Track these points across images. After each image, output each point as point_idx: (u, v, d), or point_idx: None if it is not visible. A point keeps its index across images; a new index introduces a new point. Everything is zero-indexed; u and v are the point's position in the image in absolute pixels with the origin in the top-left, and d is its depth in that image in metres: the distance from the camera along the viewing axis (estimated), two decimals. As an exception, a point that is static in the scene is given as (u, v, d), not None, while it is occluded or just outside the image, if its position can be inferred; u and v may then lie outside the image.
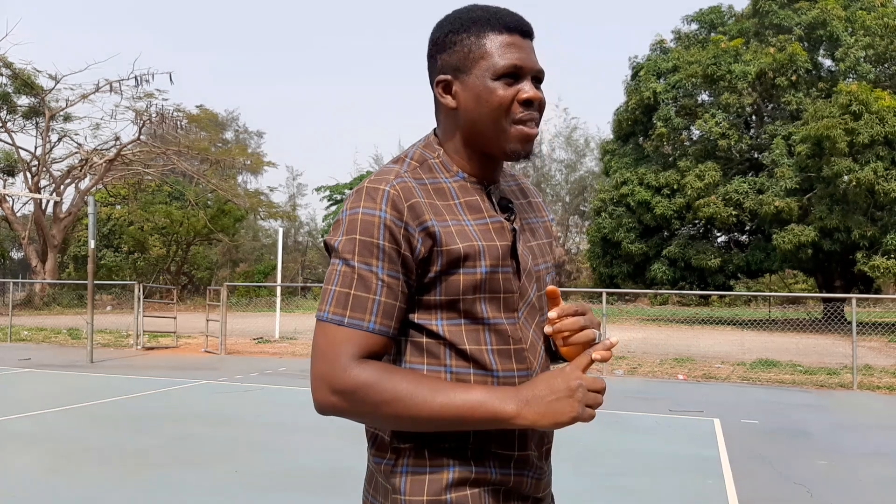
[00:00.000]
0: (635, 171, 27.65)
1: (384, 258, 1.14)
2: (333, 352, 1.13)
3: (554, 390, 1.11)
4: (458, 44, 1.22)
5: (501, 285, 1.20)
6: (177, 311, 17.37)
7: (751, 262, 26.27)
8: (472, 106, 1.21)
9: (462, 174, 1.25)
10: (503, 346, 1.20)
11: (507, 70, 1.20)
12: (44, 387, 9.58)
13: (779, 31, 25.97)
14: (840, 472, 5.65)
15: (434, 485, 1.17)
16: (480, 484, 1.18)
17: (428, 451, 1.18)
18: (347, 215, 1.18)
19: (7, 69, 31.75)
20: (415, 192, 1.17)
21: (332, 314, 1.14)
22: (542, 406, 1.10)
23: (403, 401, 1.11)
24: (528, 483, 1.23)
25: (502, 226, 1.24)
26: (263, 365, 12.38)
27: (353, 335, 1.13)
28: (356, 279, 1.14)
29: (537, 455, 1.25)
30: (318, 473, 5.28)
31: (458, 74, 1.22)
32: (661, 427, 7.43)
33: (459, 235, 1.17)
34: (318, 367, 1.14)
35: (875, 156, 21.45)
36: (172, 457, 5.71)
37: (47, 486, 4.86)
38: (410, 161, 1.24)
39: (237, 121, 52.89)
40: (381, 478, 1.24)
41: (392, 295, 1.15)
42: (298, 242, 58.62)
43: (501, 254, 1.20)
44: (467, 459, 1.18)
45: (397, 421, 1.13)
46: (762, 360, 13.14)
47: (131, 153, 33.81)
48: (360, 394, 1.11)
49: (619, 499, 4.87)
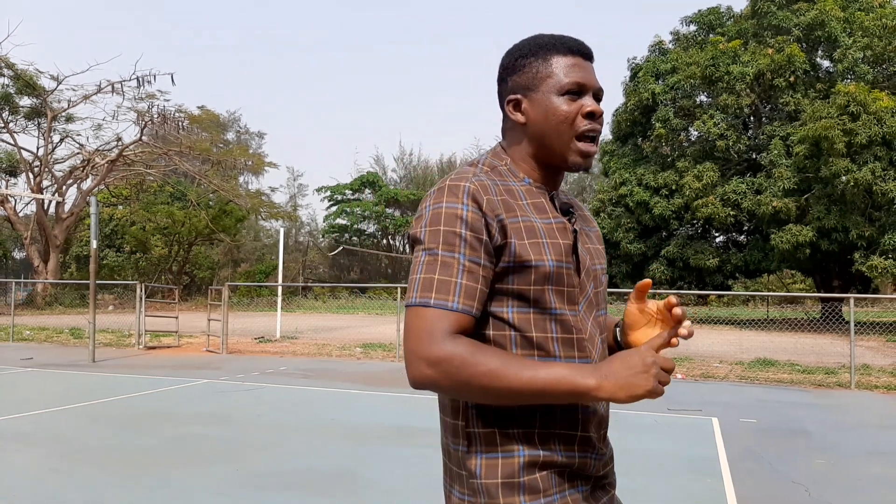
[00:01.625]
0: (634, 171, 27.69)
1: (465, 245, 1.24)
2: (425, 328, 1.21)
3: (630, 366, 1.20)
4: (527, 66, 1.36)
5: (565, 279, 1.31)
6: (178, 310, 17.39)
7: (749, 262, 26.31)
8: (541, 120, 1.35)
9: (528, 179, 1.38)
10: (566, 335, 1.30)
11: (571, 87, 1.33)
12: (46, 386, 9.60)
13: (777, 32, 26.00)
14: (838, 471, 5.67)
15: (507, 468, 1.26)
16: (549, 466, 1.28)
17: (499, 436, 1.28)
18: (431, 210, 1.28)
19: (9, 70, 31.77)
20: (490, 189, 1.29)
21: (419, 298, 1.23)
22: (619, 380, 1.19)
23: (494, 373, 1.19)
24: (592, 463, 1.34)
25: (565, 226, 1.35)
26: (265, 364, 12.41)
27: (440, 314, 1.22)
28: (439, 265, 1.24)
29: (597, 437, 1.35)
30: (318, 473, 5.30)
31: (527, 93, 1.36)
32: (660, 426, 7.46)
33: (528, 231, 1.29)
34: (411, 344, 1.22)
35: (873, 156, 21.49)
36: (173, 456, 5.73)
37: (48, 486, 4.86)
38: (483, 166, 1.37)
39: (238, 121, 53.06)
40: (455, 465, 1.32)
41: (473, 278, 1.24)
42: (299, 242, 58.65)
43: (565, 250, 1.32)
44: (535, 443, 1.28)
45: (486, 393, 1.21)
46: (760, 360, 13.18)
47: (133, 154, 33.84)
48: (453, 364, 1.19)
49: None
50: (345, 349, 15.09)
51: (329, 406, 8.33)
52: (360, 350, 14.85)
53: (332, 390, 9.59)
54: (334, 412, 7.88)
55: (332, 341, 16.88)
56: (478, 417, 1.29)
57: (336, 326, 22.86)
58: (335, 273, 54.51)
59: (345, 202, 54.18)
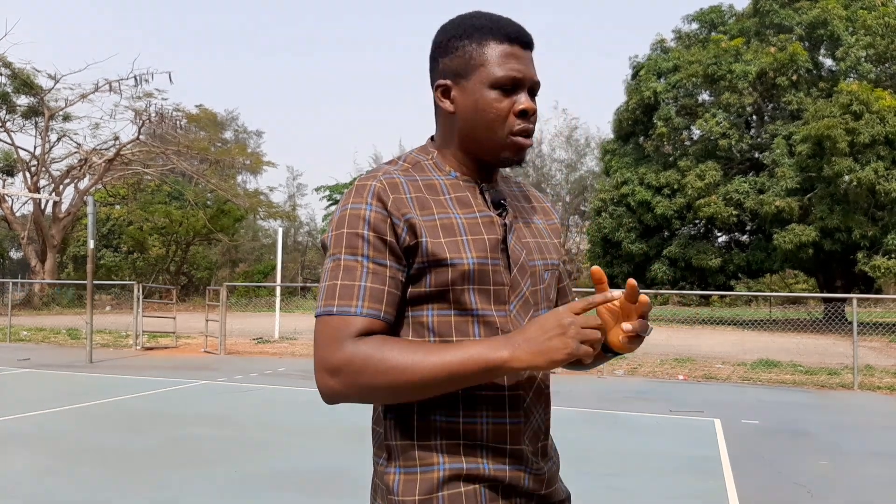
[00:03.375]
0: (636, 170, 27.63)
1: (368, 247, 1.16)
2: (329, 337, 1.14)
3: (545, 329, 1.10)
4: (459, 49, 1.25)
5: (491, 277, 1.21)
6: (176, 311, 17.36)
7: (751, 262, 26.25)
8: (470, 113, 1.24)
9: (454, 174, 1.28)
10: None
11: (506, 81, 1.22)
12: (43, 387, 9.56)
13: (779, 31, 25.96)
14: (841, 472, 5.63)
15: (425, 483, 1.17)
16: (474, 480, 1.17)
17: (418, 449, 1.18)
18: (339, 213, 1.20)
19: (6, 69, 31.73)
20: (401, 188, 1.20)
21: (323, 307, 1.16)
22: (535, 345, 1.09)
23: (398, 367, 1.10)
24: (526, 479, 1.22)
25: (492, 220, 1.25)
26: (263, 365, 12.36)
27: (344, 321, 1.14)
28: (342, 270, 1.16)
29: (532, 451, 1.24)
30: (317, 474, 5.27)
31: (458, 80, 1.25)
32: (662, 427, 7.41)
33: (445, 228, 1.20)
34: (315, 355, 1.16)
35: (876, 155, 21.43)
36: (172, 457, 5.69)
37: (47, 486, 4.84)
38: (403, 163, 1.27)
39: (236, 120, 52.91)
40: (378, 478, 1.24)
41: (379, 280, 1.16)
42: (298, 242, 58.64)
43: (489, 246, 1.22)
44: (458, 454, 1.18)
45: (396, 391, 1.12)
46: (763, 361, 13.12)
47: (131, 153, 33.80)
48: (354, 367, 1.11)
49: (618, 499, 4.85)
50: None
51: (327, 407, 8.25)
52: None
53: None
54: (333, 413, 7.83)
55: (332, 341, 16.80)
56: (395, 428, 1.20)
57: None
58: (335, 273, 54.41)
59: (344, 202, 54.19)
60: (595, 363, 1.35)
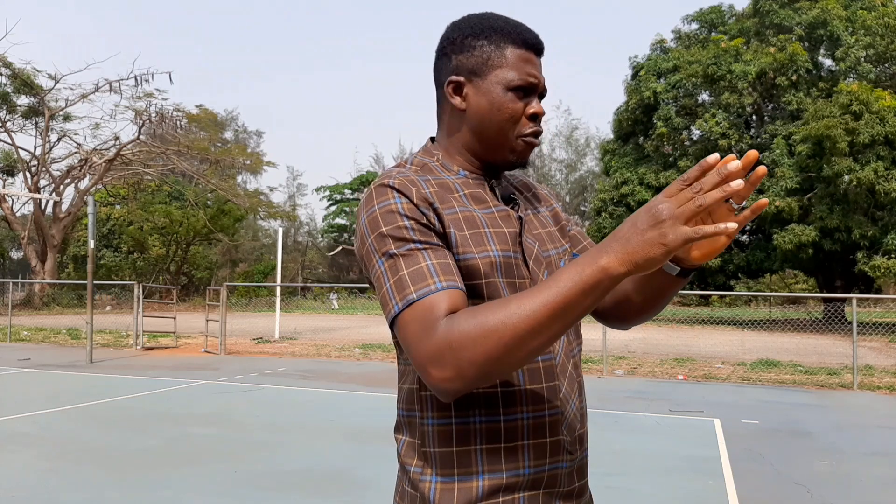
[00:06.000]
0: (636, 170, 27.64)
1: (415, 233, 1.11)
2: (416, 331, 1.04)
3: (637, 223, 0.97)
4: (476, 48, 1.24)
5: (515, 270, 1.20)
6: (176, 311, 17.35)
7: (751, 261, 26.25)
8: (483, 111, 1.24)
9: (463, 172, 1.27)
10: None
11: (523, 84, 1.23)
12: (43, 387, 9.55)
13: (779, 31, 25.96)
14: (840, 472, 5.63)
15: (463, 493, 1.14)
16: (513, 489, 1.16)
17: (456, 456, 1.15)
18: (366, 220, 1.15)
19: (6, 69, 31.73)
20: (419, 183, 1.18)
21: (400, 301, 1.07)
22: (631, 246, 0.96)
23: (503, 323, 0.99)
24: (562, 476, 1.21)
25: (508, 214, 1.25)
26: (263, 365, 12.36)
27: (428, 305, 1.05)
28: (402, 261, 1.09)
29: (570, 440, 1.23)
30: (317, 474, 5.26)
31: (473, 78, 1.24)
32: (662, 427, 7.41)
33: (468, 221, 1.18)
34: (412, 357, 1.05)
35: (875, 156, 21.44)
36: (172, 457, 5.69)
37: (47, 486, 4.84)
38: (411, 165, 1.26)
39: (237, 120, 53.01)
40: (409, 486, 1.20)
41: (440, 255, 1.10)
42: (298, 242, 58.64)
43: (511, 239, 1.21)
44: (498, 462, 1.15)
45: (507, 349, 1.00)
46: (762, 361, 13.12)
47: (131, 153, 33.80)
48: (453, 346, 1.00)
49: (619, 499, 4.85)
50: (344, 350, 15.04)
51: (328, 407, 8.27)
52: (359, 351, 14.79)
53: (332, 391, 9.53)
54: (333, 413, 7.83)
55: (331, 342, 16.84)
56: (435, 436, 1.17)
57: (335, 327, 22.83)
58: (334, 273, 54.48)
59: (344, 202, 54.24)
60: (673, 288, 1.27)
